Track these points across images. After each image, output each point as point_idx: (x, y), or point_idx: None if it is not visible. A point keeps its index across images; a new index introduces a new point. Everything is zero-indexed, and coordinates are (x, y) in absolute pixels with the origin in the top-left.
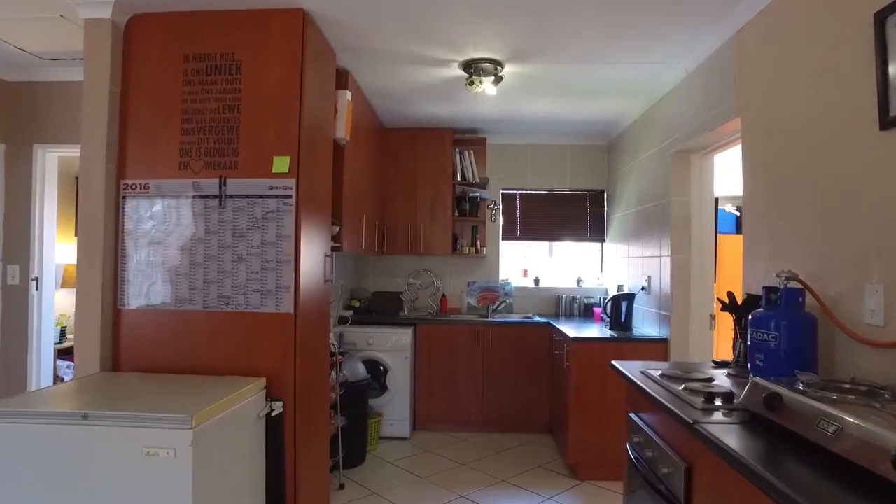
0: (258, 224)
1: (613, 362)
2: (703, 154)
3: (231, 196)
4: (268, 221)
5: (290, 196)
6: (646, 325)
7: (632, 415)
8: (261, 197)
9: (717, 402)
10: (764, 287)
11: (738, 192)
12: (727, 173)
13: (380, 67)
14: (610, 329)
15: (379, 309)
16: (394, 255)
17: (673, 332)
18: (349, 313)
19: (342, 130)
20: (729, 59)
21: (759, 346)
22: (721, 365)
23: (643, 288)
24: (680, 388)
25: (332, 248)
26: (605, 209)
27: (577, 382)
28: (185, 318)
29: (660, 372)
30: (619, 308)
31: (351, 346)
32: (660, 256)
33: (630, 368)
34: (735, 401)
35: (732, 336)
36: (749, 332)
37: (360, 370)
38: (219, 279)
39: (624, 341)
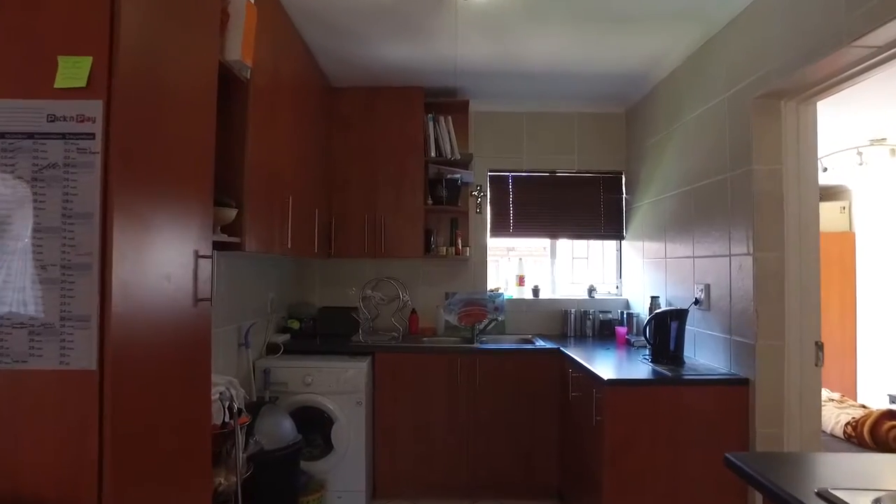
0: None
1: (736, 461)
2: (801, 100)
3: None
4: (46, 186)
5: (92, 135)
6: (701, 355)
7: None
8: (30, 137)
9: None
10: None
11: None
12: None
13: None
14: (653, 361)
15: (326, 331)
16: (345, 259)
17: (760, 369)
18: (283, 339)
19: (236, 50)
20: None
21: None
22: None
23: (696, 301)
24: None
25: (223, 245)
26: (625, 196)
27: (616, 447)
28: None
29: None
30: (667, 330)
31: (281, 387)
32: (728, 255)
33: (784, 479)
34: None
35: None
36: None
37: (286, 430)
38: None
39: (682, 384)
